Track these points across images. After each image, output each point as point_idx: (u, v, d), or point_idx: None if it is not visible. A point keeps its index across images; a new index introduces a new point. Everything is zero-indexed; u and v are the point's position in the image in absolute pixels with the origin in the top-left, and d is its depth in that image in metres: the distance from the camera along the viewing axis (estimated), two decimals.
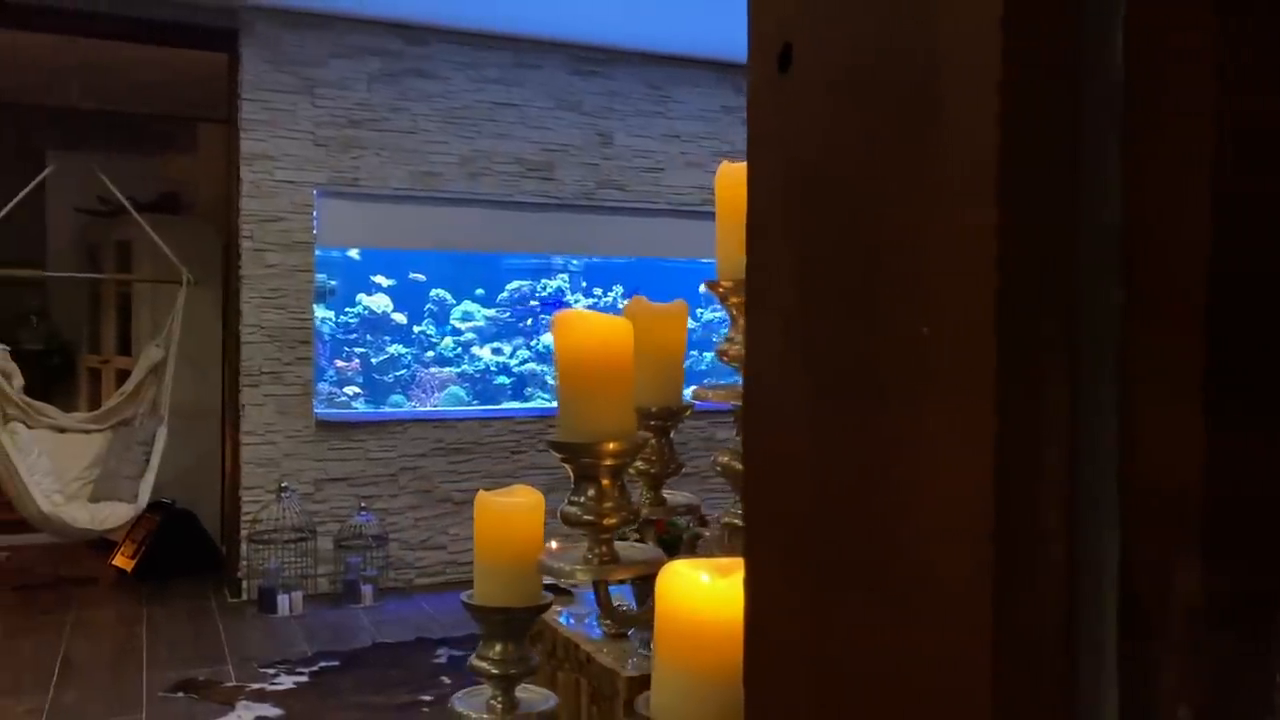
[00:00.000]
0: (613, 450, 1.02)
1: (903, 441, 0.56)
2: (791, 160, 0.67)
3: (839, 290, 0.62)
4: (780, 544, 0.69)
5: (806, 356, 0.66)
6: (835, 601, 0.62)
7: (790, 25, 0.68)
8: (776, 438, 0.70)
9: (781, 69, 0.68)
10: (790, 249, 0.67)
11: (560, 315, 1.03)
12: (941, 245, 0.53)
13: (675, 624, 0.90)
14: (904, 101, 0.55)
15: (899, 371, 0.56)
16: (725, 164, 1.11)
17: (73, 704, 3.76)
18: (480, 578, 1.21)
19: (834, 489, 0.63)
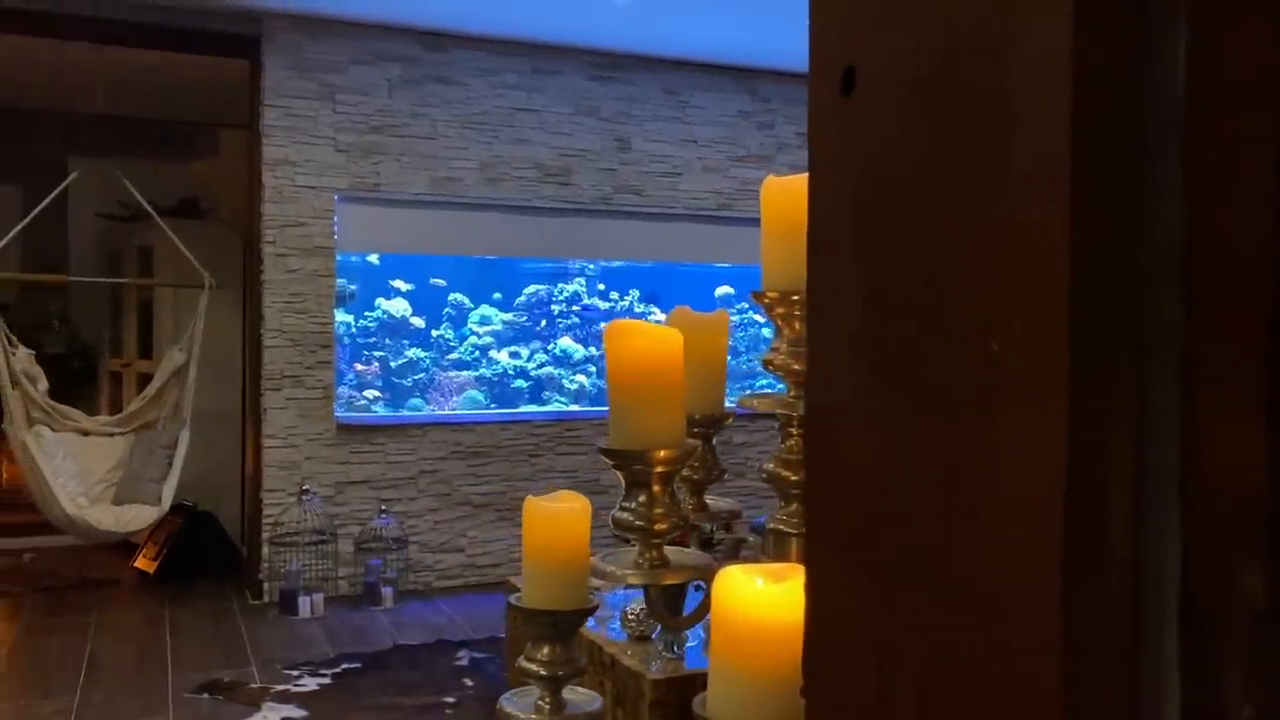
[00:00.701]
0: (664, 458, 1.05)
1: (973, 451, 0.59)
2: (857, 178, 0.70)
3: (907, 305, 0.65)
4: (844, 548, 0.71)
5: (873, 369, 0.68)
6: (901, 604, 0.64)
7: (852, 49, 0.71)
8: (841, 446, 0.72)
9: (845, 91, 0.71)
10: (857, 265, 0.70)
11: (613, 325, 1.06)
12: (1012, 262, 0.56)
13: (732, 627, 0.92)
14: (972, 121, 0.58)
15: (968, 384, 0.59)
16: (771, 178, 1.14)
17: (100, 704, 3.80)
18: (528, 581, 1.24)
19: (901, 495, 0.65)
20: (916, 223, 0.63)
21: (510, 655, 3.88)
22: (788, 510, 1.13)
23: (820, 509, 0.75)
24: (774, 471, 1.13)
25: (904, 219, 0.65)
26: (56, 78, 5.97)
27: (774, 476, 1.13)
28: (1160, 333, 0.52)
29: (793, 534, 1.12)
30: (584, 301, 6.52)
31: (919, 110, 0.63)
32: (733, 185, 6.16)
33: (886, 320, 0.66)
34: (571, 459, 5.86)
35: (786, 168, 6.25)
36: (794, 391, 1.13)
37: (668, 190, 6.01)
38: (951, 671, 0.60)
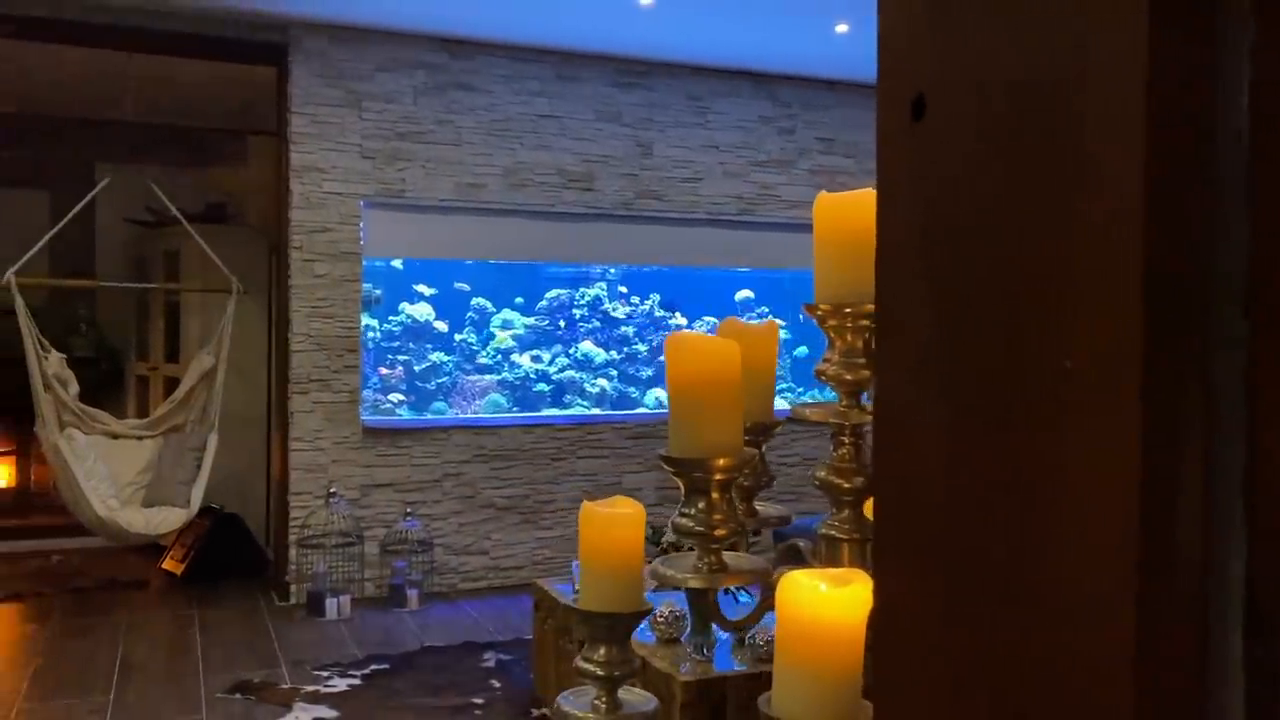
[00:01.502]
0: (723, 466, 1.09)
1: (1044, 461, 0.63)
2: (927, 201, 0.74)
3: (978, 324, 0.69)
4: (913, 554, 0.75)
5: (943, 384, 0.72)
6: (972, 608, 0.68)
7: (923, 78, 0.75)
8: (910, 457, 0.76)
9: (915, 117, 0.75)
10: (926, 283, 0.74)
11: (673, 338, 1.10)
12: (1085, 285, 0.60)
13: (797, 629, 0.96)
14: (1044, 149, 0.62)
15: (1040, 400, 0.63)
16: (824, 194, 1.17)
17: (134, 704, 3.86)
18: (585, 584, 1.27)
19: (970, 505, 0.69)
20: (988, 245, 0.67)
21: (537, 657, 3.92)
22: (840, 516, 1.17)
23: (888, 517, 0.79)
24: (826, 479, 1.17)
25: (975, 241, 0.68)
26: (85, 85, 6.05)
27: (826, 484, 1.17)
28: (1226, 348, 0.55)
29: (845, 539, 1.16)
30: (604, 306, 6.56)
31: (991, 137, 0.66)
32: (753, 190, 6.20)
33: (956, 337, 0.70)
34: (593, 462, 5.90)
35: (806, 172, 6.28)
36: (845, 401, 1.16)
37: (689, 195, 6.05)
38: (1023, 673, 0.64)
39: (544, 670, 3.86)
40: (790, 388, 6.75)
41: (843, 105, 6.34)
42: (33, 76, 5.85)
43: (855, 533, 1.16)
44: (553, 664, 3.76)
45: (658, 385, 6.50)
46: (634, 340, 6.55)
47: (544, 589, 3.90)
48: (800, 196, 6.30)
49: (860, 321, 1.15)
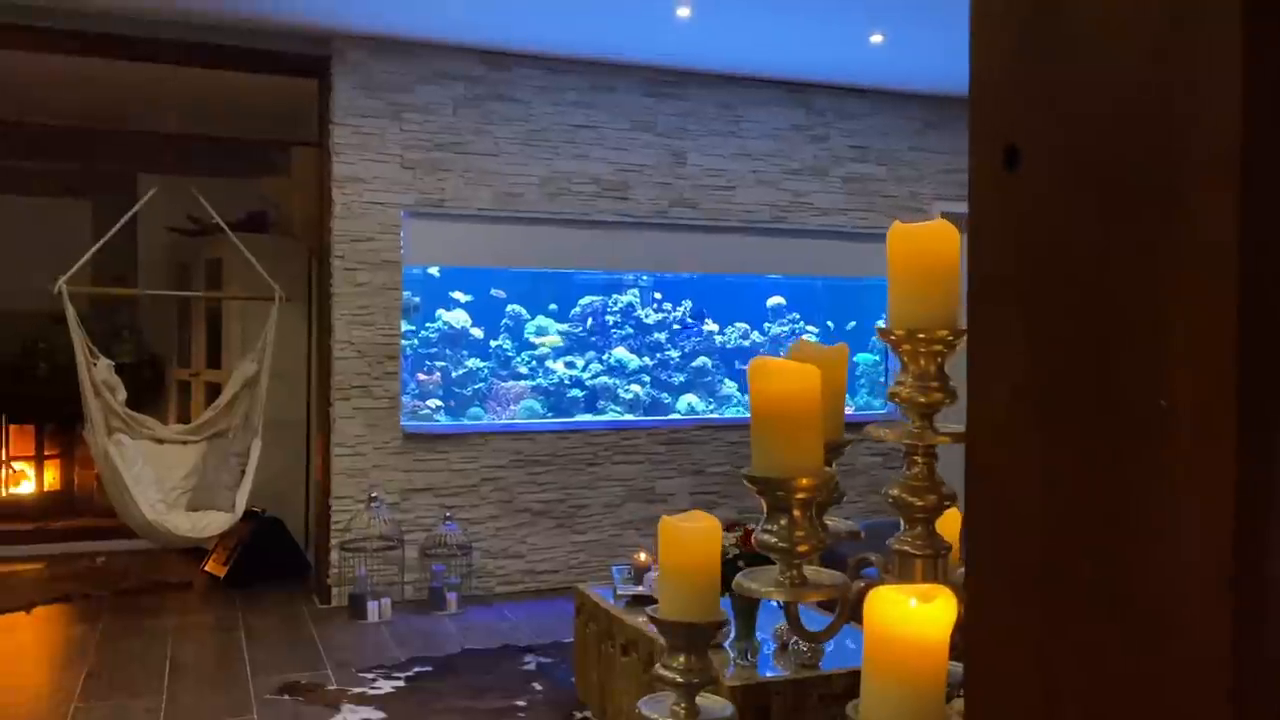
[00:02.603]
0: (805, 485, 1.14)
1: (1140, 492, 0.69)
2: (1019, 242, 0.80)
3: (1071, 359, 0.74)
4: (1007, 575, 0.81)
5: (1037, 414, 0.78)
6: (1067, 627, 0.74)
7: (1015, 130, 0.81)
8: (1003, 484, 0.82)
9: (1008, 166, 0.81)
10: (1019, 321, 0.80)
11: (756, 362, 1.16)
12: (1179, 329, 0.66)
13: (884, 641, 1.02)
14: (1137, 193, 0.68)
15: (1135, 434, 0.69)
16: (897, 224, 1.23)
17: (187, 704, 3.95)
18: (664, 595, 1.33)
19: (1066, 531, 0.75)
20: (1081, 285, 0.73)
21: (579, 660, 3.99)
22: (912, 533, 1.22)
23: (984, 539, 0.84)
24: (900, 497, 1.22)
25: (1069, 284, 0.74)
26: (130, 97, 6.18)
27: (900, 501, 1.22)
28: None
29: (918, 555, 1.21)
30: (637, 312, 6.62)
31: (1083, 184, 0.72)
32: (786, 197, 6.24)
33: (1050, 372, 0.76)
34: (628, 467, 5.96)
35: (839, 180, 6.32)
36: (918, 423, 1.21)
37: (722, 203, 6.11)
38: (1118, 690, 0.70)
39: (585, 673, 3.92)
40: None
41: (876, 113, 6.38)
42: (79, 90, 5.98)
43: (927, 548, 1.22)
44: (595, 667, 3.83)
45: (689, 391, 6.56)
46: (666, 346, 6.61)
47: (585, 593, 3.96)
48: (832, 204, 6.35)
49: (933, 346, 1.20)
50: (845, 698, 3.31)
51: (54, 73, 5.60)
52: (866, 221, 6.43)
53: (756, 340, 6.75)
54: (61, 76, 5.69)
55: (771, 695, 3.04)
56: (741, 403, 6.62)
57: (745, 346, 6.73)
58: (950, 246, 1.23)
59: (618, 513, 5.91)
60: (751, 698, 3.01)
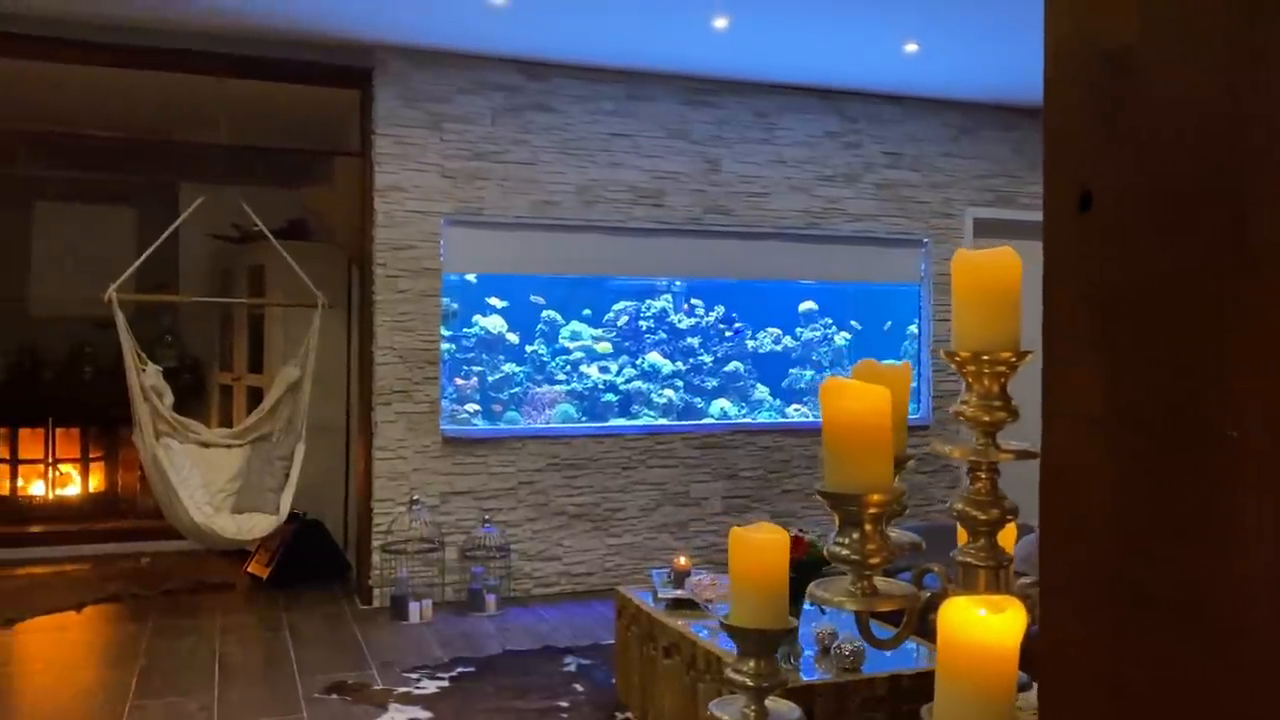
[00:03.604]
0: (876, 500, 1.21)
1: (1209, 507, 0.75)
2: (1092, 280, 0.86)
3: (1141, 389, 0.81)
4: (1081, 592, 0.87)
5: (1109, 441, 0.84)
6: (1136, 640, 0.80)
7: (1088, 175, 0.88)
8: (1077, 507, 0.89)
9: (1081, 209, 0.87)
10: (1092, 352, 0.86)
11: (830, 383, 1.22)
12: (1248, 364, 0.72)
13: (957, 649, 1.08)
14: (1207, 240, 0.74)
15: (1205, 461, 0.76)
16: (962, 251, 1.29)
17: (238, 702, 4.06)
18: (736, 603, 1.40)
19: (1137, 545, 0.82)
20: (1155, 324, 0.79)
21: (620, 662, 4.06)
22: (976, 545, 1.28)
23: (1057, 558, 0.91)
24: (964, 511, 1.29)
25: (1142, 320, 0.81)
26: (174, 108, 6.31)
27: (964, 515, 1.29)
28: None
29: (981, 566, 1.28)
30: (670, 318, 6.69)
31: (1155, 229, 0.79)
32: (819, 204, 6.30)
33: (1121, 401, 0.82)
34: (662, 471, 6.03)
35: (872, 186, 6.36)
36: (982, 440, 1.28)
37: (756, 210, 6.16)
38: (1188, 696, 0.76)
39: (627, 675, 3.99)
40: None
41: (909, 120, 6.42)
42: (125, 100, 6.12)
43: (990, 560, 1.28)
44: (636, 669, 3.90)
45: (722, 396, 6.62)
46: (699, 351, 6.67)
47: (626, 596, 4.03)
48: (866, 210, 6.39)
49: (997, 368, 1.26)
50: (886, 701, 3.37)
51: (101, 85, 5.73)
52: (899, 227, 6.47)
53: (789, 345, 6.80)
54: (108, 88, 5.83)
55: (814, 698, 3.09)
56: (774, 408, 6.68)
57: (777, 351, 6.79)
58: (1012, 272, 1.29)
59: (652, 516, 5.98)
60: (794, 700, 3.06)
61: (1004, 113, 6.65)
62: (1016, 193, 6.75)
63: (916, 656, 3.38)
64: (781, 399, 6.73)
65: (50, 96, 6.04)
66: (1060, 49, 0.93)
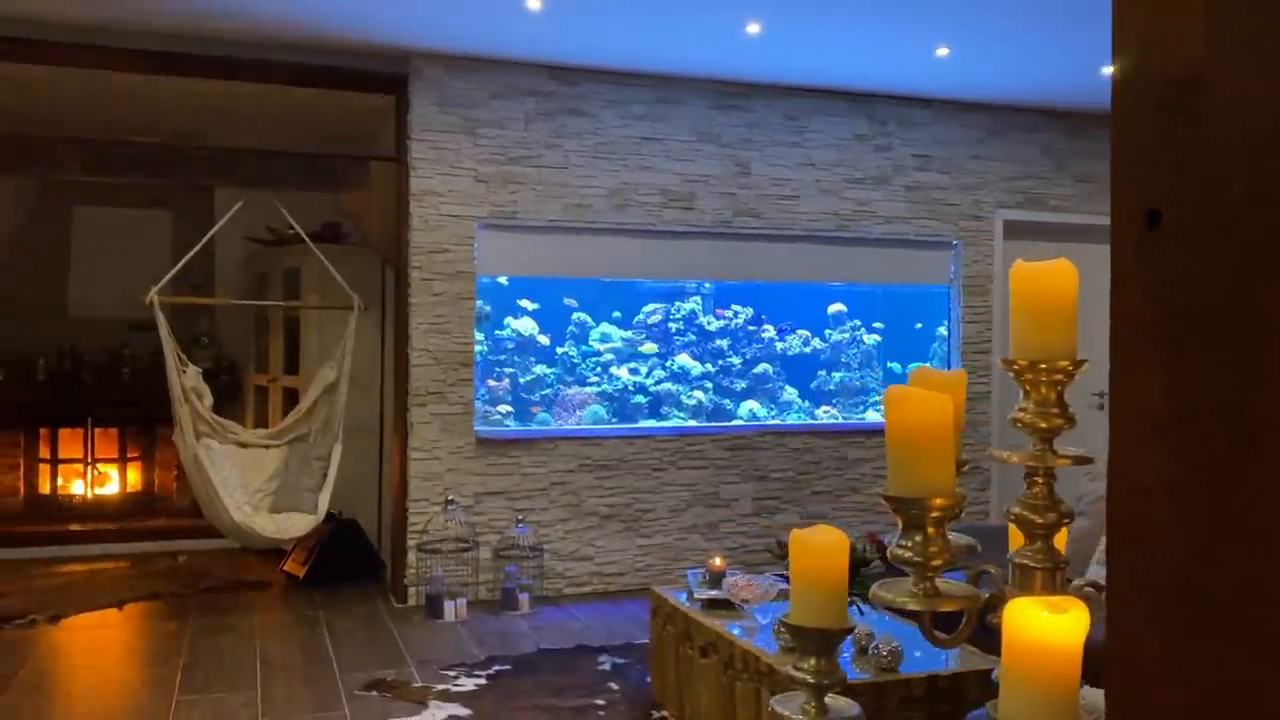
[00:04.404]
0: (939, 505, 1.25)
1: (1273, 516, 0.79)
2: (1158, 294, 0.91)
3: (1207, 401, 0.85)
4: (1147, 598, 0.91)
5: (1175, 450, 0.89)
6: (1201, 643, 0.84)
7: (1156, 195, 0.92)
8: (1142, 515, 0.93)
9: (1149, 225, 0.92)
10: (1159, 364, 0.91)
11: (893, 391, 1.27)
12: None
13: (1021, 647, 1.13)
14: (1273, 255, 0.78)
15: (1272, 473, 0.80)
16: (1020, 262, 1.33)
17: (281, 699, 4.13)
18: (796, 603, 1.45)
19: (1203, 559, 0.86)
20: (1220, 334, 0.84)
21: (655, 661, 4.11)
22: (1033, 547, 1.32)
23: (1123, 562, 0.95)
24: (1020, 514, 1.33)
25: (1207, 330, 0.85)
26: (212, 113, 6.42)
27: (1020, 519, 1.33)
28: None
29: (1038, 568, 1.32)
30: (699, 320, 6.74)
31: (1222, 244, 0.83)
32: (849, 206, 6.32)
33: (1187, 412, 0.87)
34: (693, 473, 6.08)
35: (902, 188, 6.38)
36: (1039, 446, 1.32)
37: (786, 213, 6.20)
38: (1254, 699, 0.80)
39: (662, 674, 4.04)
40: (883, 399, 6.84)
41: (939, 122, 6.44)
42: (163, 106, 6.22)
43: (1047, 562, 1.32)
44: (672, 668, 3.94)
45: (750, 398, 6.65)
46: (728, 353, 6.72)
47: (661, 596, 4.08)
48: (895, 212, 6.42)
49: (1054, 376, 1.30)
50: (924, 701, 3.41)
51: (140, 91, 5.84)
52: (929, 229, 6.49)
53: (818, 347, 6.83)
54: (148, 95, 5.93)
55: (853, 698, 3.12)
56: (803, 409, 6.71)
57: (806, 353, 6.82)
58: (1069, 283, 1.34)
59: (682, 517, 6.03)
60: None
61: (1033, 114, 6.66)
62: (1046, 194, 6.76)
63: (947, 658, 3.41)
64: (810, 401, 6.76)
65: (91, 103, 6.16)
66: (1127, 75, 0.97)
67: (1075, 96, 6.31)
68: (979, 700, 3.42)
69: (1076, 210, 6.82)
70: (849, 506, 6.28)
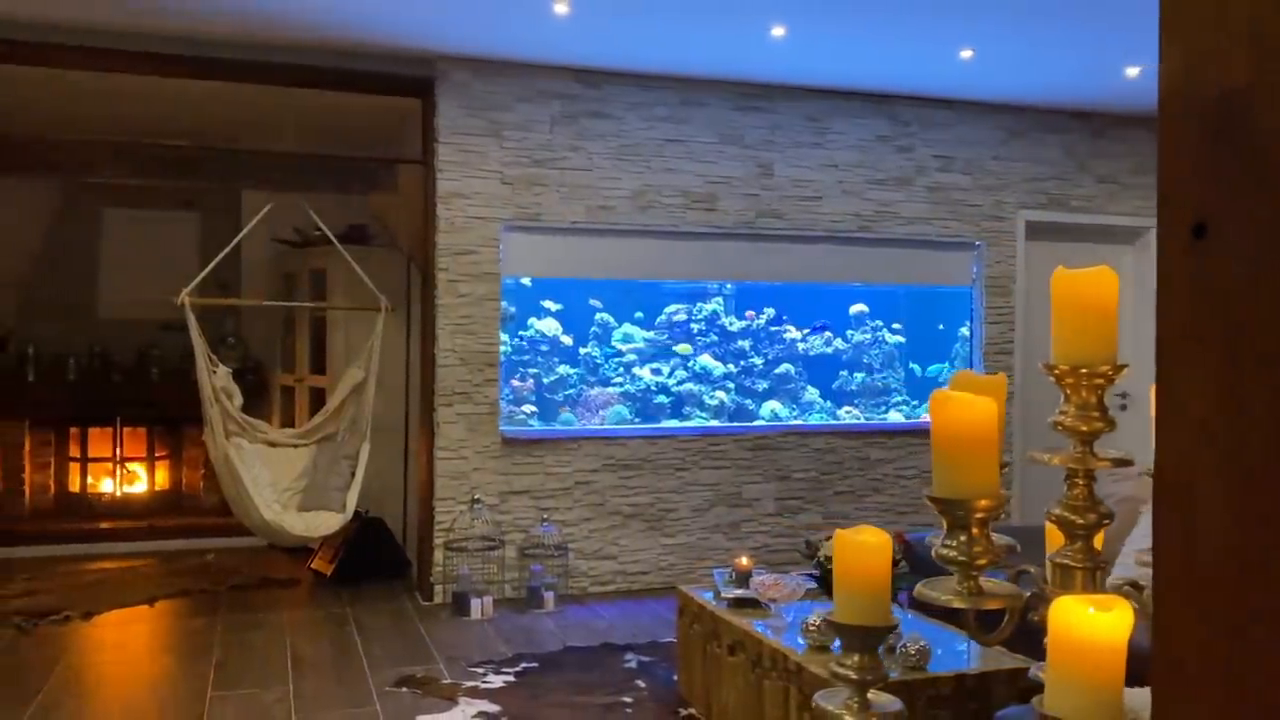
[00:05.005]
0: (983, 506, 1.29)
1: None
2: (1205, 304, 0.94)
3: (1255, 408, 0.88)
4: (1194, 600, 0.94)
5: (1222, 457, 0.92)
6: (1250, 649, 0.87)
7: (1202, 207, 0.95)
8: (1191, 514, 0.96)
9: (1196, 236, 0.95)
10: (1204, 371, 0.94)
11: (938, 395, 1.30)
12: None
13: (1067, 643, 1.16)
14: None
15: None
16: (1061, 269, 1.37)
17: (312, 695, 4.19)
18: (841, 601, 1.49)
19: (1251, 562, 0.89)
20: (1265, 342, 0.87)
21: (682, 660, 4.15)
22: (1073, 548, 1.36)
23: (1170, 562, 0.98)
24: (1061, 515, 1.36)
25: (1252, 338, 0.88)
26: (240, 116, 6.50)
27: (1062, 520, 1.36)
28: None
29: (1078, 568, 1.35)
30: (721, 320, 6.77)
31: (1269, 254, 0.86)
32: (871, 207, 6.35)
33: (1235, 419, 0.90)
34: (715, 473, 6.12)
35: (924, 189, 6.40)
36: (1079, 449, 1.35)
37: (808, 213, 6.23)
38: None
39: (689, 672, 4.08)
40: (905, 400, 6.87)
41: (961, 123, 6.46)
42: (191, 109, 6.30)
43: (1087, 562, 1.35)
44: (699, 666, 3.98)
45: (772, 398, 6.68)
46: (750, 354, 6.75)
47: (688, 595, 4.12)
48: (918, 213, 6.44)
49: (1094, 381, 1.34)
50: (952, 700, 3.44)
51: (171, 95, 5.92)
52: (951, 230, 6.50)
53: (840, 347, 6.85)
54: (178, 98, 6.01)
55: None
56: (824, 410, 6.73)
57: (827, 354, 6.84)
58: (1110, 290, 1.37)
59: (705, 516, 6.07)
60: None
61: (1055, 115, 6.67)
62: (1068, 195, 6.76)
63: (969, 657, 3.44)
64: (832, 401, 6.79)
65: (121, 106, 6.24)
66: (1174, 90, 1.00)
67: (1098, 97, 6.32)
68: (1006, 700, 3.45)
69: (1098, 211, 6.82)
70: (871, 507, 6.30)
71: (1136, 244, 7.04)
